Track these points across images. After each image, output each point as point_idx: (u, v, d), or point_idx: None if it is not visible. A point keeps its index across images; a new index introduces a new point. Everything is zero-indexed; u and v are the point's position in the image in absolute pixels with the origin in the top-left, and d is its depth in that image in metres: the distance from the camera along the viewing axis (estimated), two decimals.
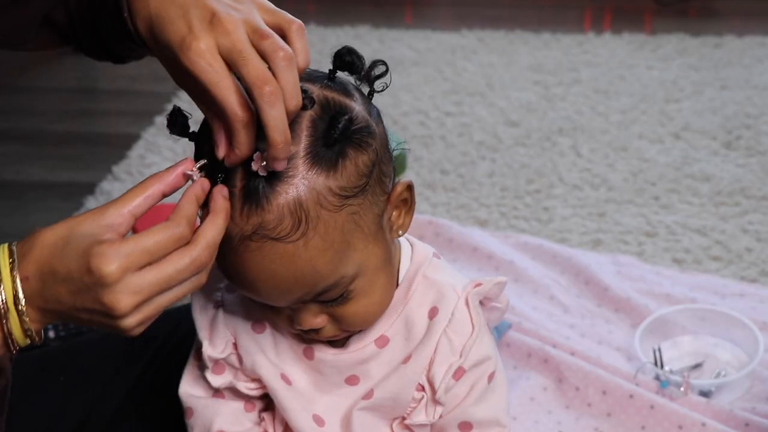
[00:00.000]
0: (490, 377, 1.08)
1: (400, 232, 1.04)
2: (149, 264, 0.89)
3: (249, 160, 0.93)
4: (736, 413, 1.58)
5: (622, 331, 1.80)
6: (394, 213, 1.03)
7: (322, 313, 1.01)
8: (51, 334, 1.80)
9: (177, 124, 0.96)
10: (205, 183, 0.93)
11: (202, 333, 1.10)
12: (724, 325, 1.74)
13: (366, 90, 1.01)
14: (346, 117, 0.94)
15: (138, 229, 1.99)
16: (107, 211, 0.90)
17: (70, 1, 1.14)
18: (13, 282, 0.90)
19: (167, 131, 0.97)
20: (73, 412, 1.27)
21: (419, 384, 1.07)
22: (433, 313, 1.07)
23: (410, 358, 1.06)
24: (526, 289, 1.90)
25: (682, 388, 1.62)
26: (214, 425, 1.12)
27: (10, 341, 0.92)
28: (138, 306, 0.89)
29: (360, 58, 0.98)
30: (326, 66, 1.00)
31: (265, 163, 0.91)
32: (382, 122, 1.02)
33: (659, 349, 1.69)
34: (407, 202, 1.04)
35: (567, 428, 1.61)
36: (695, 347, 1.74)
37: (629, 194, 2.19)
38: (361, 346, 1.07)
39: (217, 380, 1.11)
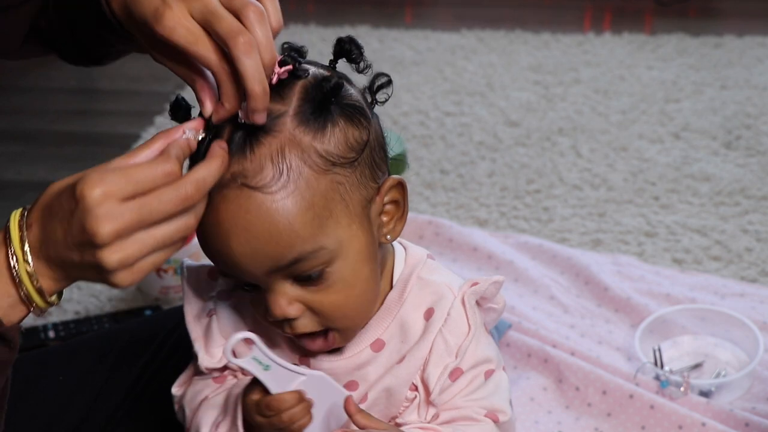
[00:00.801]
0: (487, 374, 1.08)
1: (389, 237, 1.03)
2: (135, 197, 0.89)
3: (235, 118, 0.94)
4: (736, 413, 1.58)
5: (622, 331, 1.80)
6: (384, 218, 1.03)
7: (298, 300, 0.99)
8: (51, 334, 1.80)
9: (180, 108, 0.98)
10: (192, 142, 0.94)
11: (198, 344, 1.09)
12: (724, 325, 1.74)
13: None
14: (341, 84, 0.96)
15: None
16: (113, 162, 0.91)
17: (50, 2, 1.15)
18: (20, 230, 0.92)
19: (169, 125, 0.98)
20: (72, 411, 1.27)
21: (413, 384, 1.07)
22: (429, 314, 1.06)
23: (404, 358, 1.06)
24: (526, 289, 1.90)
25: (682, 388, 1.62)
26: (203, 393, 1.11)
27: (24, 296, 0.93)
28: (119, 236, 0.88)
29: (359, 48, 1.00)
30: None
31: None
32: (379, 123, 1.03)
33: (659, 349, 1.69)
34: (399, 206, 1.04)
35: (567, 428, 1.61)
36: (695, 347, 1.74)
37: (629, 194, 2.19)
38: (357, 351, 1.06)
39: (216, 386, 1.11)
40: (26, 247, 0.91)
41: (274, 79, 0.95)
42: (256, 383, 1.00)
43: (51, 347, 1.50)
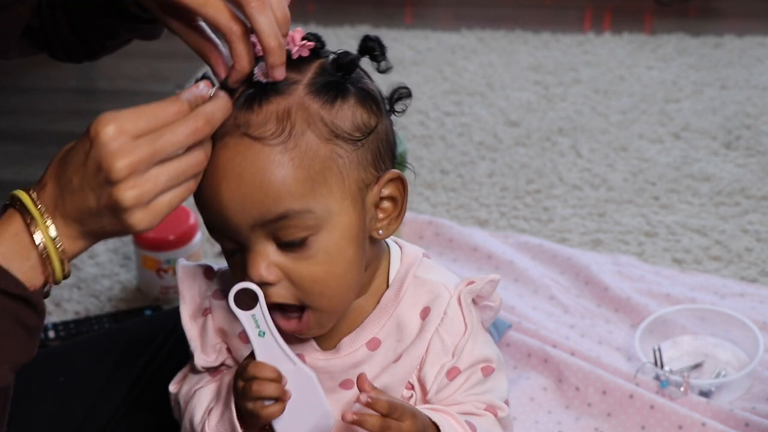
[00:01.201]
0: (486, 371, 1.08)
1: (381, 232, 1.04)
2: (147, 133, 0.92)
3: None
4: (736, 413, 1.58)
5: (622, 331, 1.80)
6: (380, 214, 1.03)
7: (278, 267, 0.98)
8: (51, 334, 1.80)
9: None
10: (205, 94, 0.96)
11: (193, 343, 1.09)
12: (724, 325, 1.74)
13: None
14: (357, 62, 0.99)
15: (140, 234, 1.97)
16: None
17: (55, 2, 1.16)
18: (29, 195, 0.94)
19: None
20: (72, 412, 1.27)
21: (409, 383, 1.07)
22: (425, 313, 1.06)
23: (401, 357, 1.06)
24: (526, 289, 1.90)
25: (682, 388, 1.62)
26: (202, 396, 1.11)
27: (48, 266, 0.94)
28: (134, 170, 0.90)
29: (382, 47, 1.02)
30: None
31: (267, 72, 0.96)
32: (392, 124, 1.05)
33: (659, 349, 1.69)
34: (396, 205, 1.04)
35: (567, 428, 1.61)
36: (695, 347, 1.74)
37: (629, 194, 2.19)
38: (353, 350, 1.05)
39: (212, 379, 1.11)
40: (41, 207, 0.93)
41: (294, 51, 0.98)
42: (252, 355, 1.01)
43: (51, 347, 1.50)
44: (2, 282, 0.93)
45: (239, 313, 0.99)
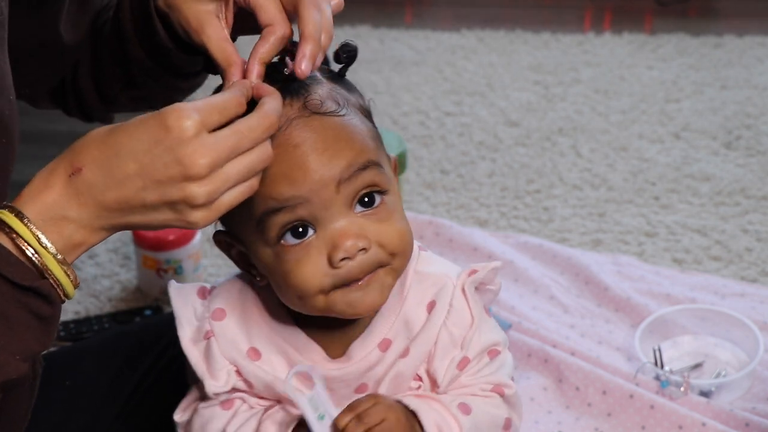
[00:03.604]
0: (492, 354, 1.08)
1: None
2: (220, 125, 0.89)
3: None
4: (736, 413, 1.58)
5: (622, 331, 1.80)
6: None
7: (364, 231, 0.97)
8: None
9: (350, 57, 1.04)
10: (248, 84, 0.96)
11: (199, 369, 1.06)
12: (724, 325, 1.74)
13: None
14: (356, 54, 1.04)
15: (140, 234, 1.98)
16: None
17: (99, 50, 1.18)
18: (21, 220, 0.91)
19: None
20: (77, 414, 1.27)
21: (417, 374, 1.07)
22: (431, 306, 1.06)
23: (408, 352, 1.06)
24: (526, 289, 1.90)
25: (682, 388, 1.62)
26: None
27: (54, 283, 0.91)
28: (213, 168, 0.87)
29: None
30: None
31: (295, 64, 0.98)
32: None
33: (659, 349, 1.69)
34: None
35: (567, 428, 1.61)
36: (695, 347, 1.75)
37: (629, 194, 2.19)
38: (365, 354, 1.05)
39: (227, 414, 1.08)
40: (44, 240, 0.90)
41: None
42: (303, 426, 1.00)
43: (55, 350, 1.50)
44: (9, 271, 0.89)
45: (298, 397, 0.97)
